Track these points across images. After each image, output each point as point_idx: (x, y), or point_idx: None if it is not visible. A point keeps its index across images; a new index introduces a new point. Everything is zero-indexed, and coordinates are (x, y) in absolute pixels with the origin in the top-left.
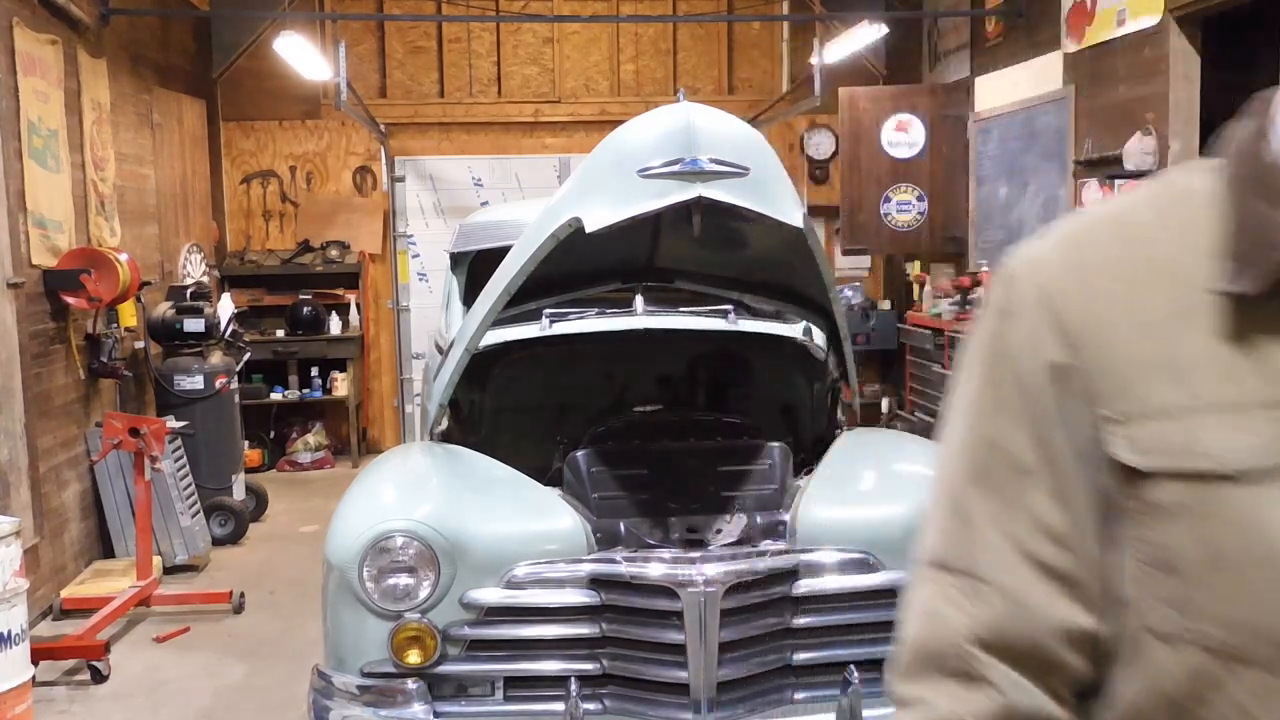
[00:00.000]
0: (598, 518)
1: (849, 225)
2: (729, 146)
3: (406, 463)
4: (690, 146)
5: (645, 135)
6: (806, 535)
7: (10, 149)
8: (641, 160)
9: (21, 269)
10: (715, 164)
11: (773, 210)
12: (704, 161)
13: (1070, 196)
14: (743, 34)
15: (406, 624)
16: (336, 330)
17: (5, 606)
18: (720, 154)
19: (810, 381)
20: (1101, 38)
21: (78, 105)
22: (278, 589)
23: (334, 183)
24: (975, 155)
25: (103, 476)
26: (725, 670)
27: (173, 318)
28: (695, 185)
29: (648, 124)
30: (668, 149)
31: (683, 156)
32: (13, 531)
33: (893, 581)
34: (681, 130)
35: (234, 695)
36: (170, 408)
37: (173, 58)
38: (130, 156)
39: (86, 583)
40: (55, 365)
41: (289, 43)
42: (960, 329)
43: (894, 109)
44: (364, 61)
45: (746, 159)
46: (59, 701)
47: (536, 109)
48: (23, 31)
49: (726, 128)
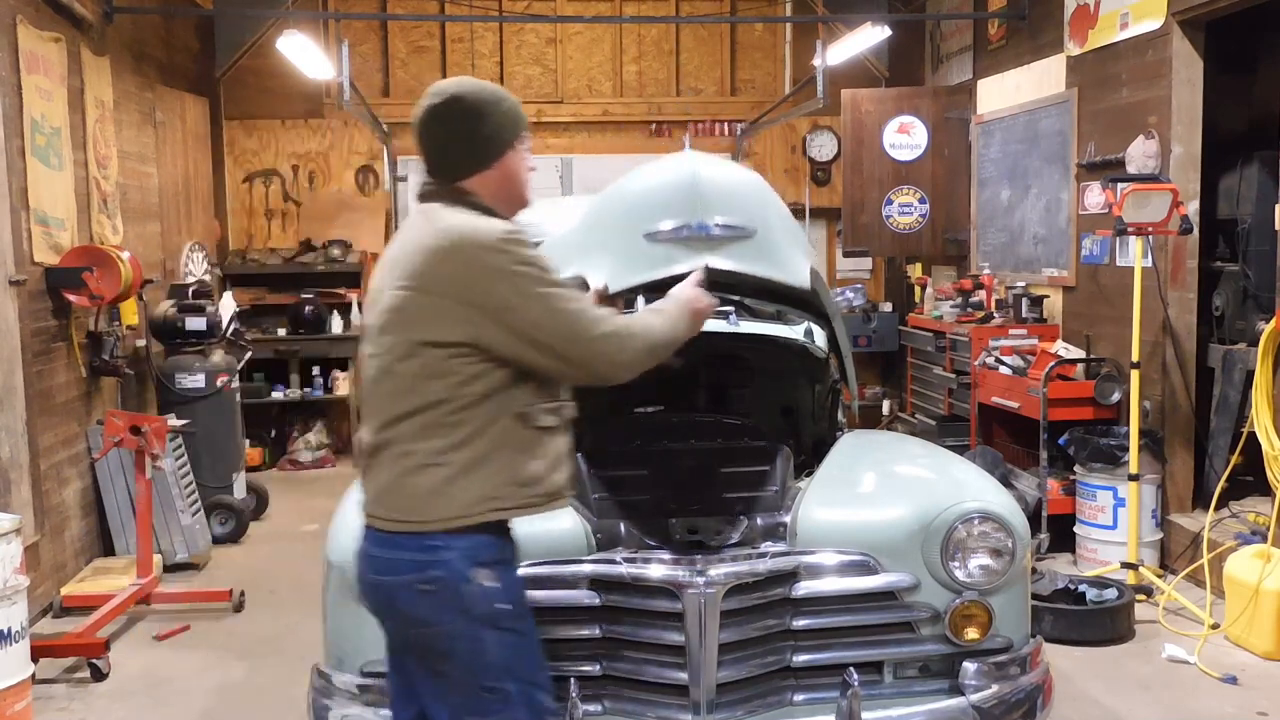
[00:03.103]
0: (598, 518)
1: (851, 227)
2: (734, 203)
3: None
4: (695, 205)
5: (650, 191)
6: (806, 537)
7: (13, 146)
8: (647, 219)
9: (24, 266)
10: (721, 229)
11: (780, 272)
12: (711, 227)
13: (1072, 199)
14: (745, 35)
15: None
16: (338, 329)
17: (5, 604)
18: (726, 212)
19: (811, 383)
20: (1104, 41)
21: (81, 103)
22: (278, 588)
23: (336, 182)
24: (977, 158)
25: (103, 474)
26: (725, 671)
27: (174, 316)
28: (702, 254)
29: (652, 177)
30: (673, 208)
31: (688, 221)
32: (13, 529)
33: (892, 584)
34: (687, 187)
35: (234, 694)
36: (171, 406)
37: (176, 56)
38: (133, 154)
39: (87, 580)
40: (57, 363)
41: (292, 42)
42: (961, 331)
43: (896, 111)
44: (367, 61)
45: (752, 216)
46: (58, 699)
47: (539, 109)
48: (26, 29)
49: (731, 181)
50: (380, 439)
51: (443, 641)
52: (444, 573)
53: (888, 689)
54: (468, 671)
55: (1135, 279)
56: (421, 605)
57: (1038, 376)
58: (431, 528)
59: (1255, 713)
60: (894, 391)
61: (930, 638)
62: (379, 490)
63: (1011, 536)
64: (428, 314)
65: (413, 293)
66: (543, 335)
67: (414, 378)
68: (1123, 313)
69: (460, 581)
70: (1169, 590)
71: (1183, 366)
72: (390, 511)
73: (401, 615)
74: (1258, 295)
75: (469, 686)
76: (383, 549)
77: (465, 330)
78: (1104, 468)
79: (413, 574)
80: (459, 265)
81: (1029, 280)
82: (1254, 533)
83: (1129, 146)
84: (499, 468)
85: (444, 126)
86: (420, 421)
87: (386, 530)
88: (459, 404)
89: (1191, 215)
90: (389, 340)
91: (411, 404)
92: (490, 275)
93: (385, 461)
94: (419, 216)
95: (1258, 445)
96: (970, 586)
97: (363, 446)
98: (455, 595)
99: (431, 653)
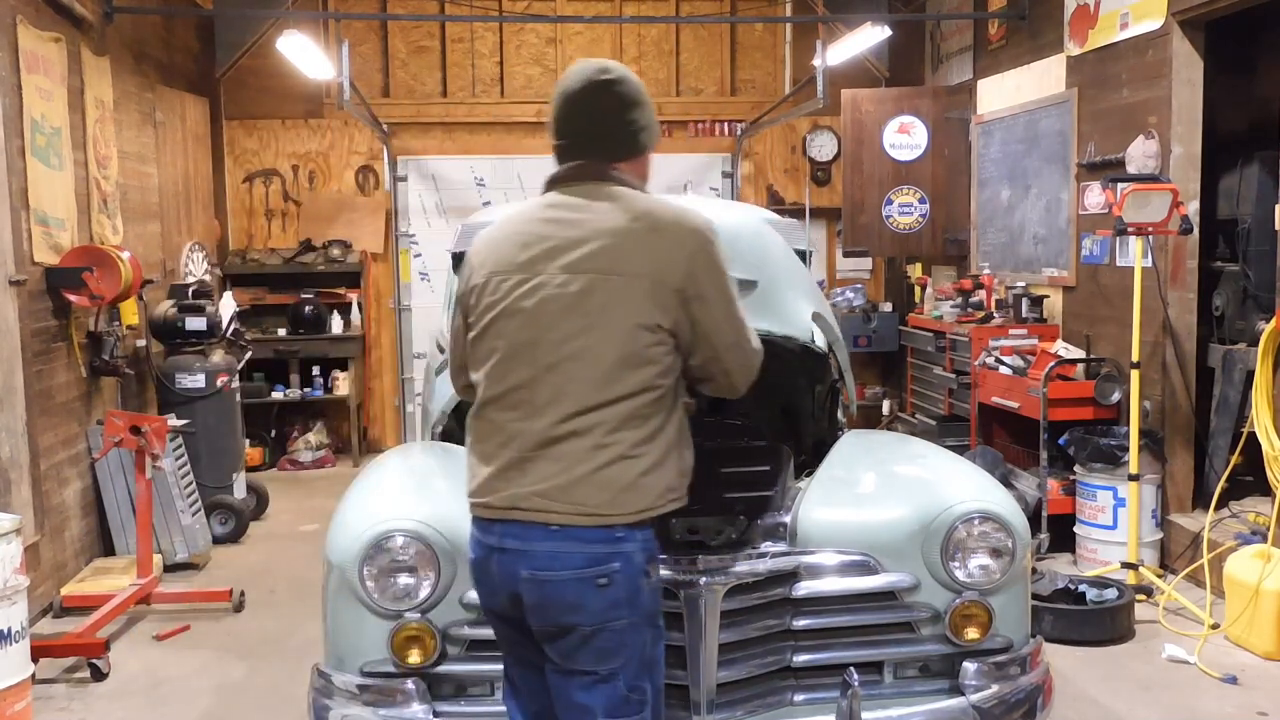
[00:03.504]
0: None
1: (851, 227)
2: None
3: (407, 462)
4: None
5: None
6: (806, 537)
7: (13, 146)
8: None
9: (24, 266)
10: None
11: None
12: None
13: (1072, 199)
14: (745, 35)
15: (406, 624)
16: (338, 329)
17: (5, 604)
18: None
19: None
20: (1104, 41)
21: (81, 103)
22: (278, 588)
23: (336, 182)
24: (977, 158)
25: (104, 474)
26: (725, 671)
27: (174, 316)
28: None
29: None
30: None
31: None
32: (13, 529)
33: (892, 584)
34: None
35: (234, 694)
36: (171, 406)
37: (176, 56)
38: (133, 154)
39: (87, 580)
40: (57, 363)
41: (292, 42)
42: (961, 331)
43: (896, 111)
44: (367, 61)
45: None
46: (58, 699)
47: (539, 109)
48: (26, 29)
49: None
50: (566, 429)
51: (611, 639)
52: (623, 565)
53: (888, 689)
54: (624, 669)
55: (1135, 279)
56: (596, 600)
57: (1038, 376)
58: (618, 520)
59: (1255, 713)
60: (894, 391)
61: (930, 638)
62: (561, 483)
63: (1011, 536)
64: (632, 297)
65: (614, 277)
66: (716, 334)
67: (617, 367)
68: (1123, 313)
69: (639, 575)
70: (1169, 590)
71: (1183, 366)
72: (577, 505)
73: (567, 611)
74: (1258, 295)
75: (618, 685)
76: (551, 542)
77: (666, 315)
78: (1104, 468)
79: (590, 567)
80: (667, 247)
81: (1029, 280)
82: (1254, 533)
83: (1129, 147)
84: (676, 459)
85: (615, 103)
86: (617, 412)
87: (560, 524)
88: (655, 395)
89: (1191, 215)
90: (576, 325)
91: (614, 393)
92: (694, 259)
93: (572, 453)
94: (582, 198)
95: (1258, 445)
96: (970, 586)
97: (532, 435)
98: (633, 589)
99: (591, 650)
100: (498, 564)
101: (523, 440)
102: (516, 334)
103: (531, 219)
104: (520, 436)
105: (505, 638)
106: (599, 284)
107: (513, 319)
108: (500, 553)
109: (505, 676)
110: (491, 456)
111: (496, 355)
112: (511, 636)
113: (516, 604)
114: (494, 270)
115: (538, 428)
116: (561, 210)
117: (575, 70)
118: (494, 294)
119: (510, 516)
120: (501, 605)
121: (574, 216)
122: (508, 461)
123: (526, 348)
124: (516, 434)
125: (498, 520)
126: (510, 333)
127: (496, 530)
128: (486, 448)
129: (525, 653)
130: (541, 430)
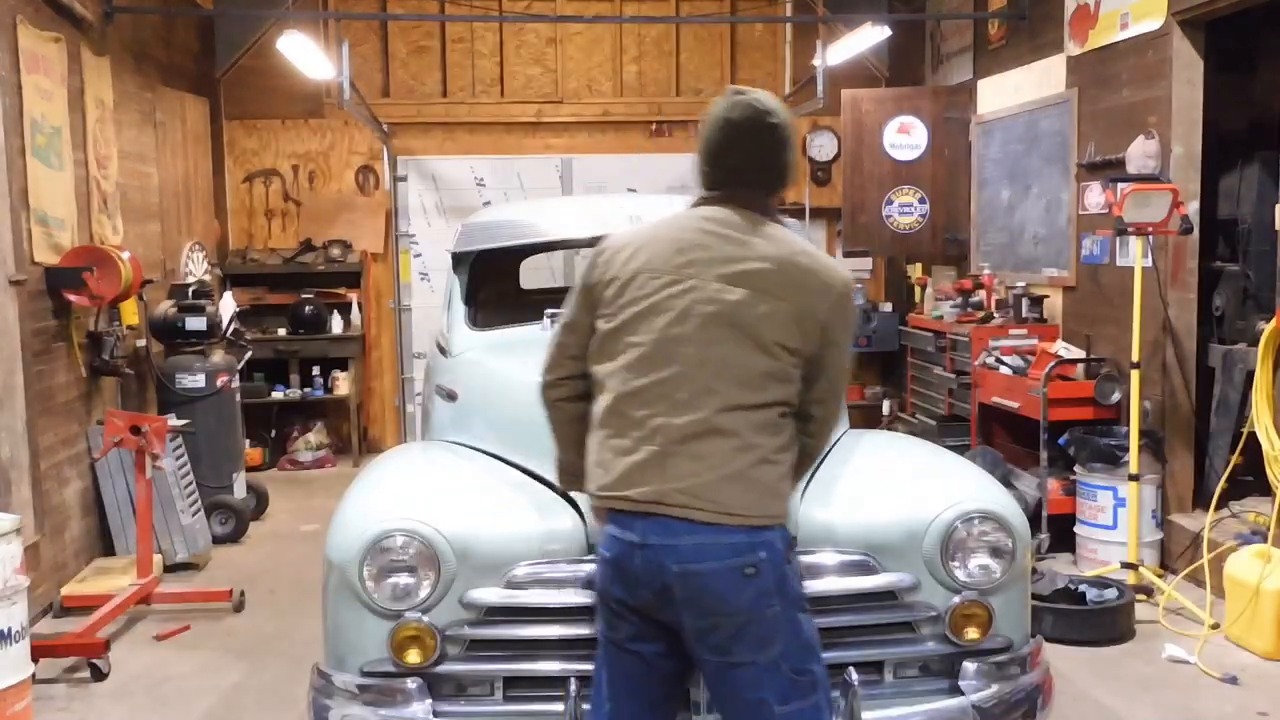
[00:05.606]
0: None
1: (851, 227)
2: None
3: (407, 462)
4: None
5: None
6: (806, 537)
7: (13, 146)
8: None
9: (24, 266)
10: None
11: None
12: None
13: (1072, 199)
14: (745, 35)
15: (406, 623)
16: (338, 329)
17: (5, 604)
18: None
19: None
20: (1104, 41)
21: (81, 103)
22: (278, 588)
23: (336, 182)
24: (977, 158)
25: (104, 474)
26: None
27: (174, 316)
28: None
29: None
30: None
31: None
32: (13, 529)
33: (892, 584)
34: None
35: (234, 694)
36: (171, 406)
37: (176, 56)
38: (133, 154)
39: (87, 580)
40: (57, 363)
41: (292, 42)
42: (961, 331)
43: (896, 111)
44: (367, 61)
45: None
46: (59, 699)
47: (539, 109)
48: (26, 29)
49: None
50: (712, 424)
51: (767, 627)
52: (768, 554)
53: (888, 689)
54: (784, 656)
55: (1135, 279)
56: (745, 590)
57: (1038, 376)
58: (759, 522)
59: (1255, 713)
60: (894, 391)
61: (930, 638)
62: (707, 480)
63: (1011, 536)
64: (784, 319)
65: (769, 296)
66: (831, 377)
67: (763, 375)
68: (1123, 313)
69: (783, 562)
70: (1169, 590)
71: (1183, 366)
72: (721, 505)
73: (717, 602)
74: (1258, 295)
75: (781, 670)
76: (696, 536)
77: (807, 344)
78: (1104, 468)
79: (736, 558)
80: (819, 285)
81: (1029, 280)
82: (1254, 533)
83: (1129, 146)
84: (795, 471)
85: (776, 143)
86: (760, 418)
87: (703, 521)
88: (789, 411)
89: (1191, 215)
90: (727, 332)
91: (758, 399)
92: (840, 303)
93: (715, 451)
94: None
95: (1258, 445)
96: (970, 586)
97: (674, 431)
98: (779, 577)
99: (747, 641)
100: (642, 560)
101: (665, 435)
102: (665, 331)
103: (687, 228)
104: (661, 431)
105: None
106: (755, 300)
107: (660, 316)
108: (643, 549)
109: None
110: (629, 450)
111: (639, 350)
112: (633, 632)
113: (664, 598)
114: (643, 268)
115: (679, 423)
116: (719, 225)
117: (738, 102)
118: (640, 289)
119: (655, 511)
120: (645, 600)
121: (734, 234)
122: (648, 455)
123: (674, 344)
124: (658, 429)
125: (639, 515)
126: (658, 329)
127: (638, 526)
128: (623, 442)
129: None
130: (683, 426)
